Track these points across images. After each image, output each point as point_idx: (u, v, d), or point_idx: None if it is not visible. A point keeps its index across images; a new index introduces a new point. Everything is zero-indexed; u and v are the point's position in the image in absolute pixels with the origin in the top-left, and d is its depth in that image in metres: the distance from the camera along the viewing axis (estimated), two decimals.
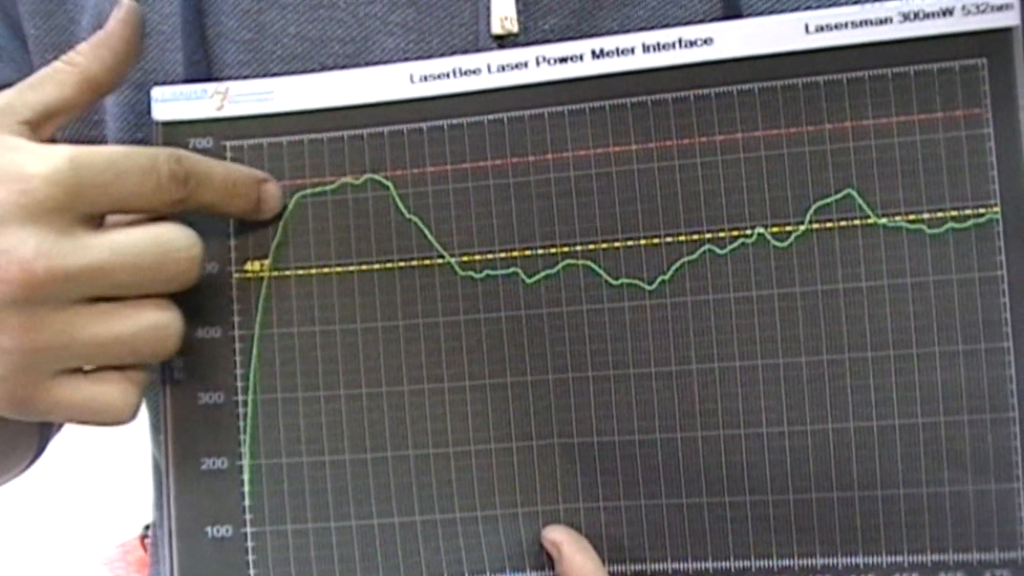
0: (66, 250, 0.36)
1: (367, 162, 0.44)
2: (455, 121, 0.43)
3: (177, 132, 0.44)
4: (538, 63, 0.42)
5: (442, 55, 0.45)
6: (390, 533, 0.43)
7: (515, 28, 0.45)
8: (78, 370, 0.39)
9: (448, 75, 0.43)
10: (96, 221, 0.38)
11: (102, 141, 0.50)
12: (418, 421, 0.43)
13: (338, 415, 0.43)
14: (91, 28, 0.48)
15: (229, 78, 0.46)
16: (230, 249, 0.44)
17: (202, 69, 0.47)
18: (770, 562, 0.42)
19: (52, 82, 0.40)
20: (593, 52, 0.42)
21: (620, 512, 0.42)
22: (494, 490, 0.43)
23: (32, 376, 0.38)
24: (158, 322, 0.39)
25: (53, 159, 0.37)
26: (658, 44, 0.42)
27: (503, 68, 0.43)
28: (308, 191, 0.44)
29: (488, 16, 0.45)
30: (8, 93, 0.40)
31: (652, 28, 0.44)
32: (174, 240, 0.39)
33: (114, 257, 0.38)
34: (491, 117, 0.43)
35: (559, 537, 0.42)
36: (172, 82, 0.47)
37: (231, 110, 0.44)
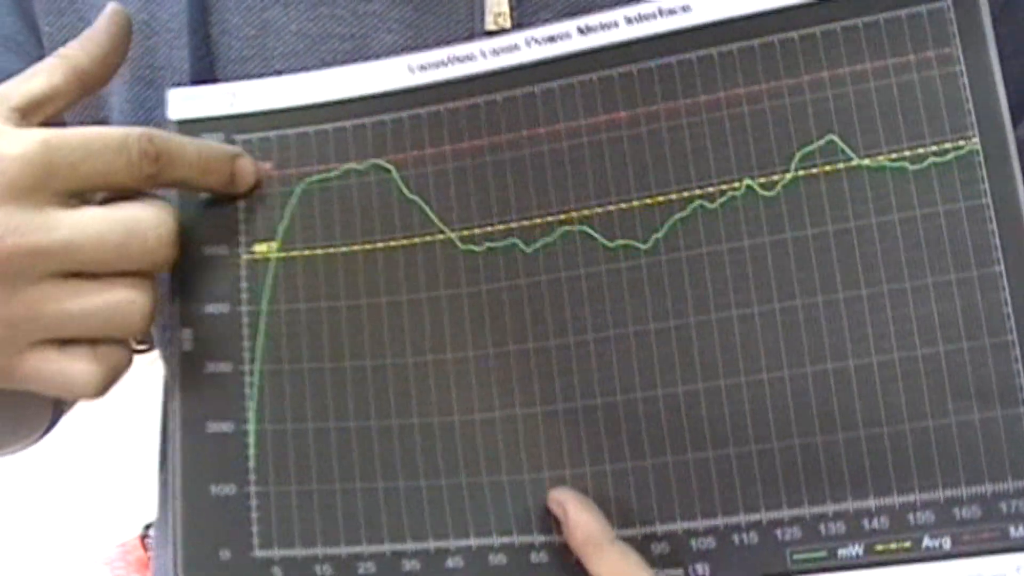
0: (35, 227, 0.38)
1: (370, 149, 0.46)
2: (452, 105, 0.45)
3: (190, 129, 0.46)
4: (528, 44, 0.44)
5: None
6: (395, 496, 0.44)
7: (508, 24, 0.46)
8: (54, 343, 0.40)
9: (444, 63, 0.45)
10: (73, 200, 0.40)
11: None
12: (423, 391, 0.44)
13: (343, 386, 0.44)
14: None
15: (233, 73, 0.49)
16: (239, 233, 0.46)
17: (207, 64, 0.49)
18: (780, 513, 0.41)
19: (43, 72, 0.42)
20: (579, 29, 0.44)
21: (627, 474, 0.42)
22: (500, 457, 0.43)
23: (7, 347, 0.40)
24: (126, 299, 0.41)
25: (26, 141, 0.39)
26: (639, 16, 0.44)
27: (496, 52, 0.45)
28: (315, 178, 0.46)
29: (483, 13, 0.47)
30: (5, 84, 0.42)
31: None
32: (142, 220, 0.41)
33: (80, 234, 0.39)
34: (486, 98, 0.45)
35: (563, 497, 0.42)
36: (180, 76, 0.49)
37: (241, 107, 0.47)
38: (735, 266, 0.42)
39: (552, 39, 0.44)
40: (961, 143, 0.41)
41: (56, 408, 0.56)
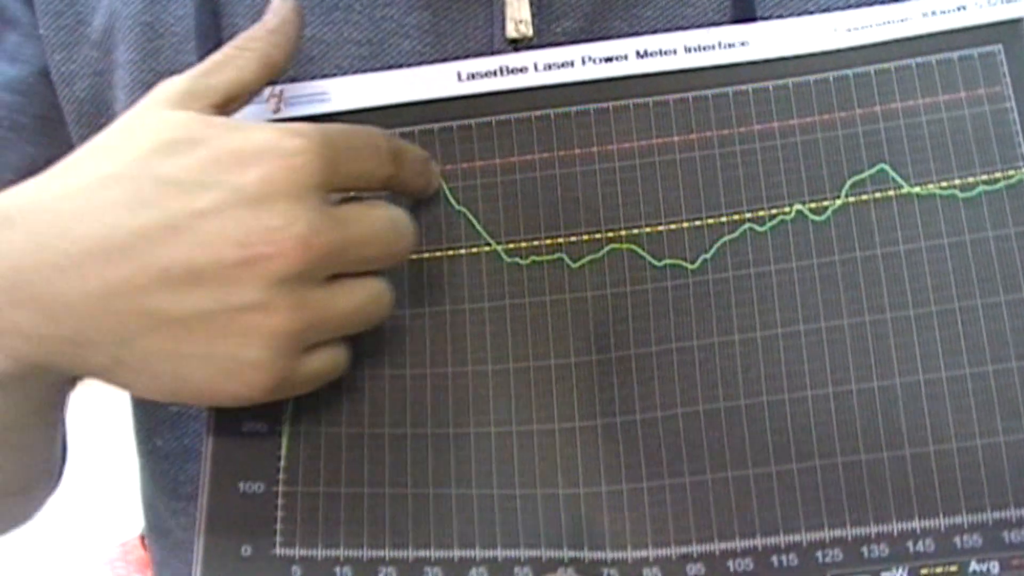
0: (332, 225, 0.37)
1: None
2: (503, 117, 0.45)
3: None
4: (584, 62, 0.45)
5: (457, 58, 0.46)
6: (423, 503, 0.43)
7: (529, 32, 0.46)
8: (328, 342, 0.40)
9: (495, 73, 0.45)
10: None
11: None
12: (460, 402, 0.43)
13: (381, 393, 0.44)
14: (103, 28, 0.50)
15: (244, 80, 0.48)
16: None
17: None
18: (821, 534, 0.41)
19: (232, 66, 0.41)
20: (637, 52, 0.45)
21: (664, 492, 0.42)
22: (535, 471, 0.43)
23: (291, 357, 0.38)
24: (382, 292, 0.41)
25: (308, 135, 0.37)
26: (699, 46, 0.45)
27: (549, 67, 0.45)
28: None
29: (503, 20, 0.46)
30: (184, 79, 0.40)
31: (662, 28, 0.46)
32: (403, 218, 0.41)
33: (369, 231, 0.39)
34: (538, 113, 0.45)
35: None
36: None
37: (288, 113, 0.46)
38: (783, 286, 0.43)
39: (609, 59, 0.45)
40: (1011, 172, 0.42)
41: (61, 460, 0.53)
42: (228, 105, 0.41)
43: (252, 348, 0.37)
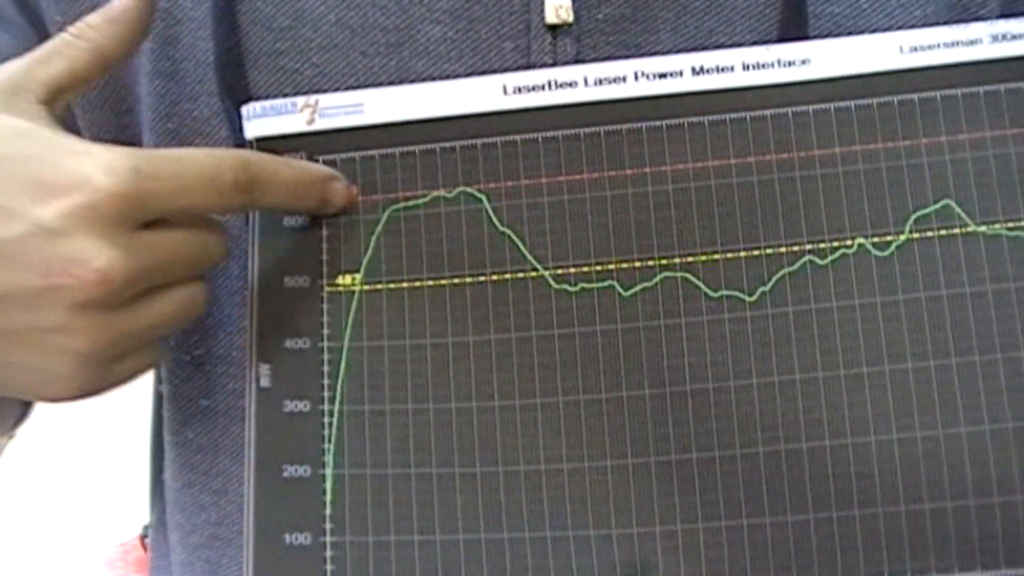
0: (131, 256, 0.37)
1: (460, 175, 0.43)
2: (550, 134, 0.43)
3: (270, 148, 0.44)
4: (636, 78, 0.43)
5: (491, 44, 0.44)
6: (476, 549, 0.42)
7: (570, 18, 0.44)
8: (136, 347, 0.41)
9: (543, 87, 0.43)
10: None
11: (134, 128, 0.50)
12: (509, 438, 0.42)
13: (426, 429, 0.42)
14: None
15: (265, 67, 0.46)
16: (321, 264, 0.44)
17: (235, 58, 0.46)
18: None
19: (62, 56, 0.40)
20: (693, 69, 0.43)
21: (720, 533, 0.41)
22: (587, 511, 0.41)
23: (98, 369, 0.39)
24: (195, 295, 0.41)
25: (117, 170, 0.37)
26: (758, 63, 0.43)
27: (600, 82, 0.43)
28: (401, 205, 0.44)
29: (541, 4, 0.44)
30: (14, 68, 0.40)
31: (708, 16, 0.44)
32: (215, 242, 0.41)
33: (171, 256, 0.40)
34: (587, 130, 0.43)
35: None
36: (204, 70, 0.46)
37: (322, 124, 0.44)
38: (844, 325, 0.41)
39: (663, 75, 0.43)
40: None
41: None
42: (57, 98, 0.40)
43: (60, 364, 0.38)
